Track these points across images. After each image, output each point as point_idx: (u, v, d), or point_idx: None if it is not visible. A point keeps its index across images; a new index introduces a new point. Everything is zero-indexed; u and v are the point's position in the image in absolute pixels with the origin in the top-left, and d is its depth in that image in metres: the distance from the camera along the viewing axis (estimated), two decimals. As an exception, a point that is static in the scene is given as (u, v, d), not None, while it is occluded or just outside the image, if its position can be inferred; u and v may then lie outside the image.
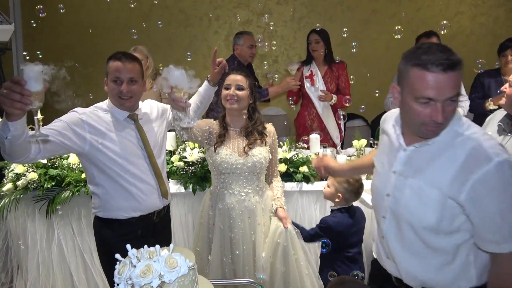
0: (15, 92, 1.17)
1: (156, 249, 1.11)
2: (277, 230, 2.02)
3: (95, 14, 4.69)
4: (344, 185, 2.09)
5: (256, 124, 2.09)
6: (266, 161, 2.07)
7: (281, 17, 4.84)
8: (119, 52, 1.84)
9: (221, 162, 2.01)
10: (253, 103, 2.10)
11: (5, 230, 2.62)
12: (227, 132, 2.08)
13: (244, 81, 2.04)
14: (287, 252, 2.00)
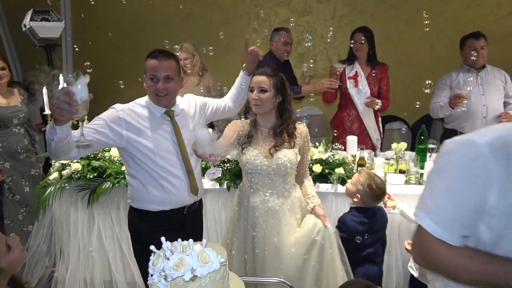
0: (64, 102, 1.33)
1: (190, 243, 1.13)
2: (315, 227, 1.98)
3: (140, 12, 4.84)
4: (366, 189, 2.10)
5: (285, 125, 2.02)
6: (292, 163, 2.01)
7: (322, 15, 4.77)
8: (156, 50, 1.88)
9: (246, 162, 2.02)
10: (283, 102, 2.02)
11: (50, 217, 2.77)
12: (256, 133, 2.06)
13: (267, 82, 1.96)
14: (323, 250, 1.97)
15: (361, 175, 2.16)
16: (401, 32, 4.48)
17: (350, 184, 2.18)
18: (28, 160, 3.26)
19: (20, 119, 3.20)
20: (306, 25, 4.78)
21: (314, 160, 2.58)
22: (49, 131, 1.49)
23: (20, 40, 4.77)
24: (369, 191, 2.09)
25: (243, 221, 2.08)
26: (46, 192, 2.67)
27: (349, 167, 2.62)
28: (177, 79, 1.89)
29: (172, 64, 1.87)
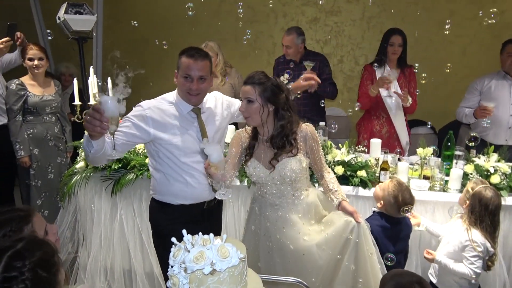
0: (95, 119, 1.43)
1: (210, 237, 1.14)
2: (348, 225, 1.84)
3: (169, 8, 4.91)
4: (391, 199, 2.03)
5: (282, 134, 1.88)
6: (296, 172, 1.89)
7: (350, 15, 4.71)
8: (192, 48, 1.88)
9: (250, 174, 1.98)
10: (277, 110, 1.87)
11: (75, 204, 2.85)
12: (257, 142, 1.96)
13: (252, 92, 1.82)
14: (359, 249, 1.84)
15: (392, 182, 2.09)
16: (432, 35, 4.37)
17: (379, 188, 2.12)
18: (56, 148, 3.37)
19: (53, 108, 3.31)
20: (334, 25, 4.73)
21: (336, 161, 2.55)
22: (85, 144, 1.62)
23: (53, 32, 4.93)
24: (393, 202, 2.03)
25: (253, 225, 2.06)
26: (72, 180, 2.75)
27: (372, 170, 2.58)
28: (209, 79, 1.91)
29: (207, 64, 1.87)
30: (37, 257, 1.07)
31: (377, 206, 2.12)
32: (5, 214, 1.28)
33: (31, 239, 1.13)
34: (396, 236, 2.07)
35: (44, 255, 1.09)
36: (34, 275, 1.04)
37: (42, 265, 1.07)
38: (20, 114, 3.17)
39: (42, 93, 3.25)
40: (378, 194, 2.11)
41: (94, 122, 1.43)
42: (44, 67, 3.25)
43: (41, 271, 1.06)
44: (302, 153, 1.93)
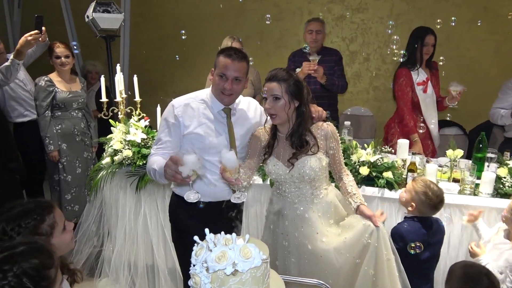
0: (178, 174, 1.60)
1: (232, 237, 1.13)
2: (366, 229, 1.82)
3: (195, 5, 4.94)
4: (422, 197, 1.96)
5: (300, 131, 1.86)
6: (316, 170, 1.86)
7: (378, 13, 4.60)
8: (231, 48, 1.89)
9: (269, 172, 1.96)
10: (299, 106, 1.85)
11: (101, 199, 2.91)
12: (276, 140, 1.94)
13: (279, 88, 1.80)
14: (377, 254, 1.81)
15: (415, 182, 2.03)
16: (464, 32, 4.21)
17: (404, 192, 2.05)
18: (83, 143, 3.45)
19: (79, 104, 3.39)
20: (361, 23, 4.64)
21: (361, 162, 2.50)
22: (158, 177, 1.81)
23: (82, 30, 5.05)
24: (425, 199, 1.96)
25: (271, 225, 2.03)
26: (98, 175, 2.81)
27: (399, 171, 2.51)
28: (244, 81, 1.90)
29: (244, 65, 1.87)
30: (30, 265, 1.04)
31: (407, 211, 2.04)
32: (30, 204, 1.33)
33: (34, 246, 1.11)
34: (429, 241, 1.99)
35: (38, 265, 1.06)
36: (18, 282, 1.01)
37: (31, 275, 1.04)
38: (49, 110, 3.26)
39: (69, 89, 3.34)
40: (405, 198, 2.04)
41: (177, 176, 1.60)
42: (70, 65, 3.33)
43: (27, 281, 1.03)
44: (322, 152, 1.91)
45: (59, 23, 4.94)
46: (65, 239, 1.36)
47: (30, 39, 2.98)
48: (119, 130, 2.84)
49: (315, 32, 3.32)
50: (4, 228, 1.24)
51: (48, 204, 1.35)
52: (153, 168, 1.81)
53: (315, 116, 1.93)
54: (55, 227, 1.32)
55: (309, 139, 1.88)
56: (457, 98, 2.90)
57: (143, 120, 2.91)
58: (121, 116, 3.01)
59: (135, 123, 2.86)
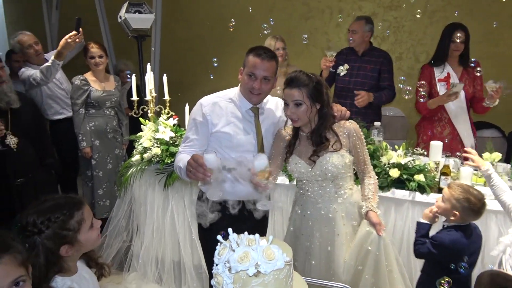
0: (198, 172, 1.60)
1: (256, 238, 1.12)
2: (368, 236, 1.81)
3: (225, 5, 4.97)
4: (464, 203, 1.84)
5: (321, 130, 1.85)
6: (338, 167, 1.84)
7: (412, 10, 4.45)
8: (260, 47, 1.88)
9: (291, 171, 1.94)
10: (321, 108, 1.84)
11: (130, 195, 2.98)
12: (298, 138, 1.92)
13: (300, 94, 1.77)
14: (378, 262, 1.79)
15: (452, 189, 1.91)
16: (505, 30, 4.00)
17: (442, 202, 1.92)
18: (115, 140, 3.55)
19: (112, 103, 3.49)
20: (393, 21, 4.51)
21: (392, 164, 2.42)
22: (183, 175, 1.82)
23: (115, 30, 5.20)
24: (467, 205, 1.85)
25: (292, 226, 2.01)
26: (128, 172, 2.88)
27: (431, 174, 2.42)
28: (273, 81, 1.90)
29: (273, 65, 1.86)
30: None
31: (450, 220, 1.92)
32: (61, 199, 1.37)
33: None
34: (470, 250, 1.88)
35: None
36: None
37: None
38: (83, 107, 3.37)
39: (103, 88, 3.44)
40: (445, 207, 1.91)
41: (198, 175, 1.61)
42: (104, 64, 3.43)
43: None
44: (345, 149, 1.87)
45: (94, 23, 5.11)
46: (92, 236, 1.39)
47: (70, 41, 3.12)
48: (149, 128, 2.89)
49: (351, 32, 3.28)
50: (34, 221, 1.28)
51: (78, 200, 1.38)
52: (179, 165, 1.84)
53: (337, 115, 1.90)
54: (83, 223, 1.35)
55: (329, 136, 1.86)
56: (494, 96, 2.75)
57: (172, 118, 2.96)
58: (151, 115, 3.07)
59: (164, 121, 2.91)
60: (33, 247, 1.28)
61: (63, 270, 1.34)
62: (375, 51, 3.33)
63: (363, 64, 3.24)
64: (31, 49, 3.37)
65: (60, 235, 1.30)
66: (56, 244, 1.30)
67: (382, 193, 2.37)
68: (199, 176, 1.60)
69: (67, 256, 1.33)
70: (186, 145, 1.95)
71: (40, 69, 3.19)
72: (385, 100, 3.28)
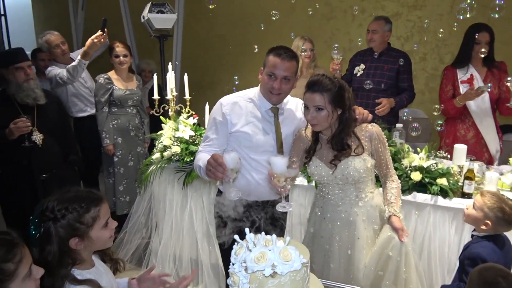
0: (218, 171, 1.62)
1: (273, 238, 1.11)
2: (390, 241, 1.76)
3: (247, 6, 4.98)
4: (498, 213, 1.75)
5: (342, 135, 1.81)
6: (360, 171, 1.80)
7: (437, 9, 4.35)
8: (281, 47, 1.86)
9: (311, 173, 1.91)
10: (343, 113, 1.79)
11: (150, 192, 3.03)
12: (318, 141, 1.89)
13: (321, 99, 1.72)
14: (398, 268, 1.75)
15: (485, 197, 1.81)
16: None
17: (474, 210, 1.83)
18: (137, 138, 3.61)
19: (134, 101, 3.55)
20: (418, 20, 4.41)
21: (414, 167, 2.37)
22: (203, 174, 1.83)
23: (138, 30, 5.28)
24: (501, 216, 1.75)
25: (312, 228, 1.99)
26: (149, 170, 2.92)
27: (454, 178, 2.35)
28: (293, 80, 1.89)
29: (293, 65, 1.85)
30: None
31: (480, 229, 1.83)
32: (83, 193, 1.40)
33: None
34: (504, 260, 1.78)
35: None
36: None
37: None
38: (106, 105, 3.44)
39: (125, 87, 3.50)
40: (476, 216, 1.82)
41: (217, 174, 1.63)
42: (128, 63, 3.49)
43: None
44: (367, 153, 1.84)
45: (118, 23, 5.21)
46: (104, 236, 1.40)
47: (96, 41, 3.20)
48: (169, 127, 2.93)
49: (371, 32, 3.25)
50: (53, 207, 1.32)
51: (98, 197, 1.41)
52: (199, 164, 1.85)
53: (358, 118, 1.86)
54: (97, 220, 1.36)
55: (351, 142, 1.82)
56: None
57: (192, 117, 2.99)
58: (171, 113, 3.11)
59: (184, 120, 2.94)
60: (47, 234, 1.32)
61: (78, 262, 1.36)
62: (393, 51, 3.30)
63: (380, 64, 3.23)
64: (58, 49, 3.46)
65: (73, 226, 1.33)
66: (68, 234, 1.32)
67: (403, 197, 2.33)
68: (218, 175, 1.61)
69: (76, 249, 1.35)
70: (205, 144, 1.97)
71: (67, 69, 3.28)
72: (407, 103, 3.27)
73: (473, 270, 1.43)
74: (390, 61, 3.22)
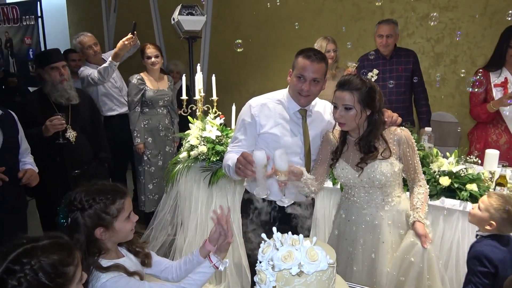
0: (247, 169, 1.63)
1: (300, 238, 1.13)
2: (412, 247, 1.75)
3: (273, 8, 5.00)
4: (503, 215, 1.75)
5: (370, 137, 1.79)
6: (387, 176, 1.78)
7: (469, 11, 4.23)
8: (310, 49, 1.88)
9: (337, 176, 1.91)
10: (372, 114, 1.78)
11: (176, 190, 3.09)
12: (345, 143, 1.89)
13: (351, 98, 1.73)
14: (421, 275, 1.72)
15: (492, 199, 1.82)
16: None
17: (479, 210, 1.83)
18: (166, 138, 3.69)
19: (165, 102, 3.63)
20: (449, 22, 4.31)
21: (442, 172, 2.32)
22: (231, 173, 1.86)
23: (166, 32, 5.39)
24: (506, 217, 1.76)
25: (336, 230, 1.98)
26: (176, 168, 2.98)
27: (485, 184, 2.29)
28: (322, 82, 1.89)
29: (322, 67, 1.85)
30: (48, 260, 1.05)
31: (484, 229, 1.83)
32: (109, 186, 1.47)
33: (57, 242, 1.12)
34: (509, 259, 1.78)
35: (56, 261, 1.06)
36: (33, 277, 1.02)
37: (47, 271, 1.04)
38: (138, 105, 3.54)
39: (156, 87, 3.59)
40: (481, 216, 1.83)
41: (246, 171, 1.64)
42: (159, 64, 3.58)
43: (43, 276, 1.03)
44: (395, 157, 1.82)
45: (148, 25, 5.33)
46: (126, 227, 1.45)
47: (127, 43, 3.30)
48: (196, 127, 2.98)
49: (385, 37, 3.23)
50: (81, 198, 1.39)
51: (122, 190, 1.48)
52: (228, 164, 1.88)
53: (387, 121, 1.84)
54: (122, 212, 1.43)
55: (378, 145, 1.80)
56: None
57: (219, 118, 3.03)
58: (199, 114, 3.16)
59: (211, 120, 2.99)
60: (75, 223, 1.38)
61: (103, 252, 1.42)
62: (401, 51, 3.33)
63: (393, 66, 3.20)
64: (90, 50, 3.59)
65: (99, 216, 1.39)
66: (94, 224, 1.39)
67: (431, 202, 2.28)
68: (247, 173, 1.63)
69: (101, 238, 1.41)
70: (234, 145, 1.99)
71: (98, 70, 3.39)
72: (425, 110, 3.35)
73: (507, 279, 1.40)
74: (403, 61, 3.24)
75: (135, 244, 1.58)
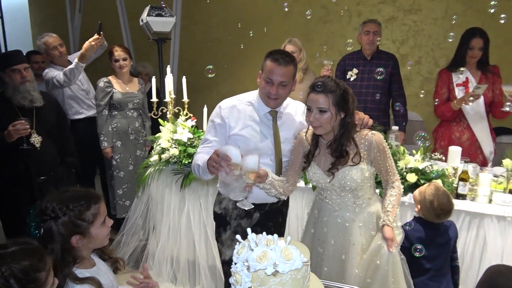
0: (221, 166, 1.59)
1: (274, 238, 1.14)
2: (379, 250, 1.77)
3: (242, 9, 5.02)
4: (427, 204, 1.98)
5: (339, 142, 1.78)
6: (357, 181, 1.79)
7: (431, 14, 4.41)
8: (278, 52, 1.87)
9: (310, 179, 1.93)
10: (345, 117, 1.77)
11: (148, 194, 3.03)
12: (318, 146, 1.88)
13: (326, 101, 1.71)
14: (386, 278, 1.76)
15: (429, 187, 2.03)
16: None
17: (418, 192, 2.06)
18: (137, 141, 3.61)
19: (135, 104, 3.55)
20: (413, 24, 4.47)
21: (409, 169, 2.41)
22: (201, 172, 1.85)
23: (134, 33, 5.29)
24: (429, 206, 1.98)
25: (312, 228, 2.00)
26: (147, 172, 2.93)
27: (449, 180, 2.39)
28: (290, 85, 1.89)
29: (290, 70, 1.85)
30: (19, 266, 1.03)
31: (415, 210, 2.08)
32: (81, 192, 1.44)
33: (27, 248, 1.10)
34: (429, 241, 1.97)
35: (27, 267, 1.05)
36: (4, 284, 1.01)
37: (18, 277, 1.03)
38: (106, 108, 3.44)
39: (125, 90, 3.51)
40: (416, 197, 2.07)
41: (221, 168, 1.59)
42: (128, 67, 3.50)
43: (14, 283, 1.02)
44: (366, 162, 1.81)
45: (115, 27, 5.21)
46: (102, 233, 1.43)
47: (93, 44, 3.21)
48: (167, 129, 2.94)
49: (372, 33, 3.29)
50: (54, 207, 1.35)
51: (96, 195, 1.45)
52: (197, 164, 1.86)
53: (358, 124, 1.84)
54: (97, 217, 1.40)
55: (349, 150, 1.80)
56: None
57: (190, 120, 3.00)
58: (170, 116, 3.12)
59: (182, 122, 2.95)
60: (49, 233, 1.34)
61: (78, 261, 1.38)
62: (382, 54, 3.38)
63: (373, 67, 3.27)
64: (56, 51, 3.47)
65: (75, 223, 1.36)
66: (69, 232, 1.35)
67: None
68: (223, 167, 1.59)
69: (77, 246, 1.38)
70: (204, 146, 1.97)
71: (64, 72, 3.28)
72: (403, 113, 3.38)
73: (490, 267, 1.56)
74: (382, 64, 3.28)
75: (105, 250, 1.55)
